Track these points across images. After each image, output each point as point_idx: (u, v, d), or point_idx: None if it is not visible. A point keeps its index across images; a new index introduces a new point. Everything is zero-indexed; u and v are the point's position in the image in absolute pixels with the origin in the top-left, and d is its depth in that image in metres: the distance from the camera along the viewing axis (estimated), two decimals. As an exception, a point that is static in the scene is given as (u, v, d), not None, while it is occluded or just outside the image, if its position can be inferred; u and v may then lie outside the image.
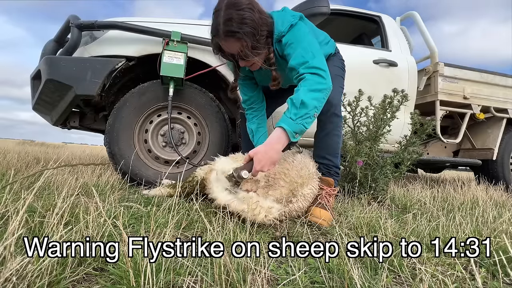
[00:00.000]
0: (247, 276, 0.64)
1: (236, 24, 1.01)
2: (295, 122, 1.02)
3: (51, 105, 1.74)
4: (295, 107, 1.03)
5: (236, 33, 1.02)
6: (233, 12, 1.02)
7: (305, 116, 1.03)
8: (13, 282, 0.51)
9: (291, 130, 1.02)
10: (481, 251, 0.91)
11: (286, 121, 1.03)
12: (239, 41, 1.04)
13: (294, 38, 1.13)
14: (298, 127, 1.03)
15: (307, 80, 1.05)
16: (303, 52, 1.10)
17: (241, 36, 1.02)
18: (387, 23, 2.52)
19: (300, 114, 1.02)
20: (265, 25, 1.09)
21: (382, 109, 1.81)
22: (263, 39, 1.09)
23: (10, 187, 1.08)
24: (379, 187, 1.76)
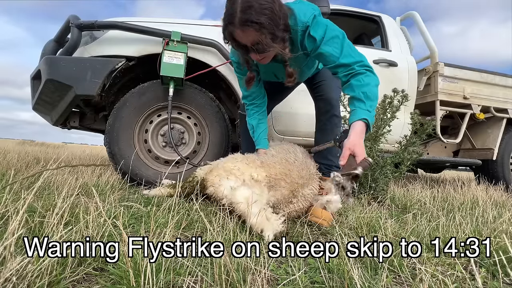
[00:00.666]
0: (247, 276, 0.64)
1: (255, 13, 0.94)
2: (371, 114, 1.05)
3: (51, 105, 1.74)
4: (370, 99, 1.05)
5: (255, 23, 0.95)
6: (254, 1, 0.95)
7: (373, 105, 1.06)
8: (13, 282, 0.51)
9: (372, 121, 1.05)
10: (481, 251, 0.91)
11: (365, 113, 1.04)
12: (257, 32, 0.97)
13: (331, 33, 1.09)
14: (373, 118, 1.07)
15: (369, 76, 1.07)
16: (351, 51, 1.10)
17: (259, 27, 0.96)
18: (387, 23, 2.52)
19: (374, 106, 1.07)
20: (284, 17, 1.03)
21: (382, 109, 1.81)
22: (280, 33, 1.02)
23: (10, 187, 1.08)
24: (379, 187, 1.76)
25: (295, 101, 1.98)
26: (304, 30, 1.10)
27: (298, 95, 1.81)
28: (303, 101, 1.91)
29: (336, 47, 1.09)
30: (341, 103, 1.94)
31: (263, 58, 1.09)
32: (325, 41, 1.08)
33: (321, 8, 1.69)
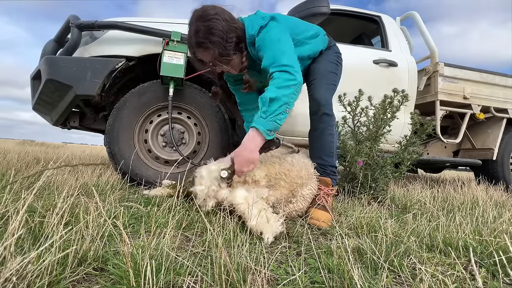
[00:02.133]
0: (247, 276, 0.64)
1: (203, 34, 1.09)
2: (266, 120, 1.04)
3: (51, 105, 1.74)
4: (265, 105, 1.05)
5: (203, 43, 1.10)
6: (200, 24, 1.10)
7: (276, 113, 1.04)
8: (13, 282, 0.51)
9: (264, 128, 1.04)
10: (481, 251, 0.91)
11: (257, 120, 1.06)
12: (208, 50, 1.11)
13: (264, 40, 1.16)
14: (271, 124, 1.04)
15: (275, 78, 1.08)
16: (272, 53, 1.13)
17: (208, 46, 1.10)
18: (387, 23, 2.52)
19: (270, 112, 1.04)
20: (233, 31, 1.13)
21: (382, 109, 1.81)
22: (232, 46, 1.13)
23: (10, 187, 1.08)
24: (379, 187, 1.76)
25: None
26: (252, 42, 1.20)
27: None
28: (301, 101, 1.91)
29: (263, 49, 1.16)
30: (341, 103, 1.94)
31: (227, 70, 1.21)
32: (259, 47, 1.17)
33: (321, 8, 1.70)
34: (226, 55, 1.13)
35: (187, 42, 1.17)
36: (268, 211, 1.00)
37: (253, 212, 0.96)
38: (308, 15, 1.74)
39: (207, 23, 1.09)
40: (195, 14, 1.12)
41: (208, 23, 1.09)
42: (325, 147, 1.34)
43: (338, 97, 1.95)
